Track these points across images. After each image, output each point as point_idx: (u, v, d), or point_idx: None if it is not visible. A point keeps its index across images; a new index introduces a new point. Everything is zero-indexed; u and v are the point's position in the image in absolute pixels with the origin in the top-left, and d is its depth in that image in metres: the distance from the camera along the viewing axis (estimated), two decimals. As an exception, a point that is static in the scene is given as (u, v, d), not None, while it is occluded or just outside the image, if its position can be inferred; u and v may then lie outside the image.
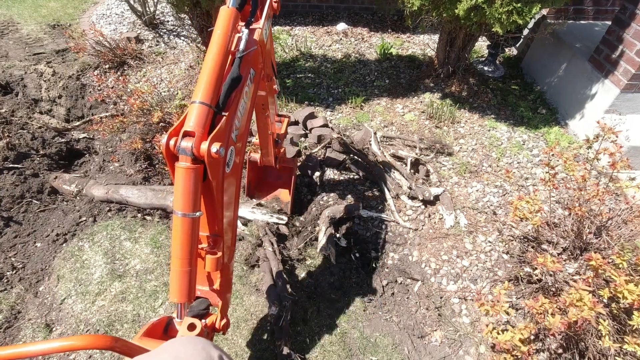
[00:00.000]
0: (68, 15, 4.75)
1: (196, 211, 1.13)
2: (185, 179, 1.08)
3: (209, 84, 1.12)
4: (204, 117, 1.10)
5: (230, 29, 1.21)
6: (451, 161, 3.09)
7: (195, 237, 1.17)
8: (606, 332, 1.56)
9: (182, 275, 1.16)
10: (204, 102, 1.10)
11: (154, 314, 2.13)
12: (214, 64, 1.15)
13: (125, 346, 1.02)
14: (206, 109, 1.11)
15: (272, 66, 1.79)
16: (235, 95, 1.25)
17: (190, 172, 1.08)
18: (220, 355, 0.92)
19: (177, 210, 1.11)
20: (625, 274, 1.65)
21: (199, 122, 1.09)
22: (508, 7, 2.66)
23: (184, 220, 1.12)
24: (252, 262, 2.34)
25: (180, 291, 1.18)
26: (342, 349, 2.03)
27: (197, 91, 1.12)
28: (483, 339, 2.09)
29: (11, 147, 2.81)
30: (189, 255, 1.16)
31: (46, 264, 2.37)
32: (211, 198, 1.23)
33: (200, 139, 1.08)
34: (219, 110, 1.17)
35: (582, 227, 2.01)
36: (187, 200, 1.10)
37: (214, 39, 1.19)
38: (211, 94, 1.12)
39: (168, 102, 3.12)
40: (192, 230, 1.14)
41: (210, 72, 1.14)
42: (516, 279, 2.22)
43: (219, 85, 1.16)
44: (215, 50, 1.17)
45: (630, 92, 3.03)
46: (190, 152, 1.07)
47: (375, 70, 4.07)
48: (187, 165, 1.08)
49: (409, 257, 2.45)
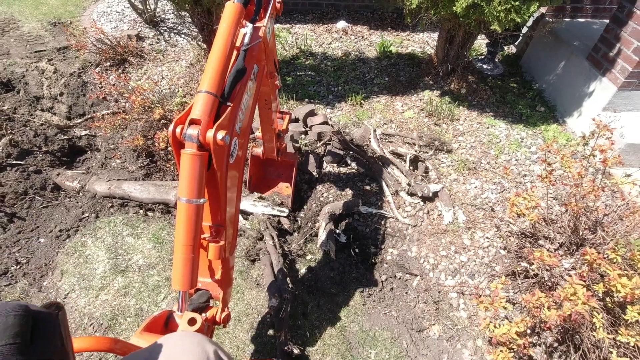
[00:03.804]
0: (69, 13, 4.76)
1: (200, 198, 1.15)
2: (191, 165, 1.11)
3: (214, 75, 1.16)
4: (210, 105, 1.13)
5: (236, 23, 1.25)
6: (450, 158, 3.12)
7: (198, 225, 1.19)
8: (600, 325, 1.59)
9: (185, 262, 1.18)
10: (210, 92, 1.14)
11: (156, 308, 2.17)
12: (220, 56, 1.19)
13: (125, 347, 1.03)
14: (212, 98, 1.14)
15: (274, 63, 1.83)
16: (240, 87, 1.28)
17: (195, 159, 1.11)
18: (216, 351, 0.91)
19: (182, 197, 1.14)
20: (620, 268, 1.68)
21: (205, 111, 1.12)
22: (506, 5, 2.68)
23: (189, 206, 1.14)
24: (252, 256, 2.37)
25: (183, 279, 1.19)
26: (342, 343, 2.07)
27: (203, 81, 1.15)
28: (480, 333, 2.12)
29: (14, 144, 2.83)
30: (192, 242, 1.18)
31: (50, 259, 2.40)
32: (215, 187, 1.25)
33: (206, 126, 1.11)
34: (224, 100, 1.21)
35: (579, 223, 2.05)
36: (192, 186, 1.13)
37: (219, 32, 1.22)
38: (217, 84, 1.16)
39: (169, 99, 3.15)
40: (196, 217, 1.16)
41: (216, 64, 1.17)
42: (513, 274, 2.25)
43: (224, 76, 1.20)
44: (221, 42, 1.21)
45: (627, 90, 3.06)
46: (197, 139, 1.10)
47: (375, 68, 4.09)
48: (192, 151, 1.11)
49: (408, 252, 2.48)
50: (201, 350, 0.88)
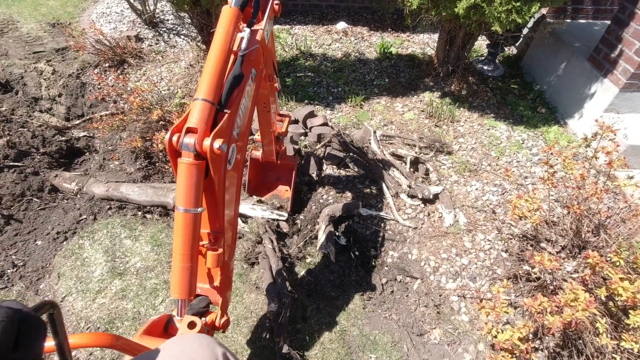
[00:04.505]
0: (68, 14, 4.75)
1: (198, 207, 1.14)
2: (188, 174, 1.10)
3: (211, 82, 1.14)
4: (206, 113, 1.11)
5: (233, 27, 1.23)
6: (450, 160, 3.10)
7: (196, 233, 1.18)
8: (603, 330, 1.57)
9: (183, 271, 1.18)
10: (206, 99, 1.12)
11: (154, 312, 2.14)
12: (217, 62, 1.17)
13: (126, 344, 1.03)
14: (209, 106, 1.12)
15: (273, 66, 1.81)
16: (237, 94, 1.26)
17: (192, 168, 1.10)
18: (224, 353, 0.93)
19: (179, 206, 1.13)
20: (623, 271, 1.66)
21: (201, 119, 1.10)
22: (507, 6, 2.66)
23: (186, 215, 1.13)
24: (252, 259, 2.35)
25: (181, 287, 1.19)
26: (342, 347, 2.04)
27: (200, 88, 1.13)
28: (482, 337, 2.10)
29: (11, 145, 2.81)
30: (190, 251, 1.17)
31: (47, 261, 2.37)
32: (213, 195, 1.24)
33: (203, 135, 1.09)
34: (221, 107, 1.19)
35: (581, 226, 2.02)
36: (189, 195, 1.12)
37: (216, 37, 1.20)
38: (214, 91, 1.14)
39: (168, 100, 3.13)
40: (194, 226, 1.16)
41: (212, 70, 1.15)
42: (515, 277, 2.23)
43: (221, 82, 1.18)
44: (217, 48, 1.18)
45: (629, 91, 3.04)
46: (193, 148, 1.08)
47: (375, 69, 4.07)
48: (189, 161, 1.09)
49: (409, 255, 2.46)
50: (211, 352, 0.90)
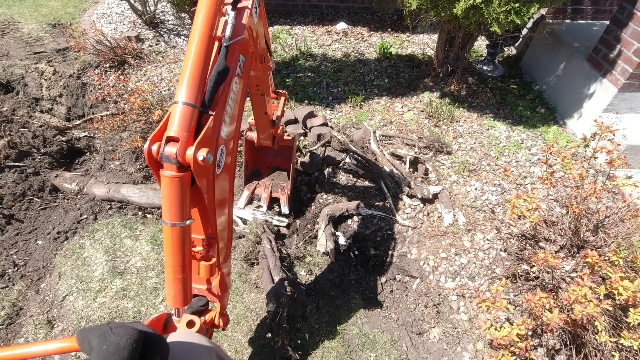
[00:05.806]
0: (68, 14, 4.76)
1: (185, 219, 1.04)
2: (171, 188, 0.99)
3: (192, 81, 1.00)
4: (188, 119, 0.98)
5: (214, 12, 1.06)
6: (450, 160, 3.11)
7: (187, 245, 1.10)
8: (602, 328, 1.58)
9: (176, 283, 1.12)
10: (187, 103, 0.99)
11: (155, 311, 2.15)
12: (197, 57, 1.02)
13: None
14: (190, 110, 0.99)
15: (266, 44, 1.66)
16: (223, 89, 1.13)
17: (175, 181, 0.98)
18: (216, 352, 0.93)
19: (166, 220, 1.03)
20: (622, 271, 1.67)
21: (183, 126, 0.97)
22: (506, 7, 2.67)
23: (174, 229, 1.04)
24: (251, 259, 2.36)
25: (175, 297, 1.14)
26: (341, 346, 2.05)
27: (179, 90, 1.00)
28: (481, 336, 2.11)
29: (12, 146, 2.82)
30: (181, 263, 1.10)
31: (47, 261, 2.38)
32: (202, 202, 1.15)
33: (186, 144, 0.97)
34: (204, 108, 1.06)
35: (580, 225, 2.03)
36: (175, 209, 1.02)
37: (195, 26, 1.04)
38: (195, 91, 1.00)
39: (168, 100, 3.14)
40: (183, 239, 1.07)
41: (192, 68, 1.01)
42: (514, 277, 2.23)
43: (203, 80, 1.04)
44: (197, 40, 1.02)
45: (627, 91, 3.05)
46: (175, 160, 0.96)
47: (375, 70, 4.09)
48: (172, 174, 0.98)
49: (408, 254, 2.47)
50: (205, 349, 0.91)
